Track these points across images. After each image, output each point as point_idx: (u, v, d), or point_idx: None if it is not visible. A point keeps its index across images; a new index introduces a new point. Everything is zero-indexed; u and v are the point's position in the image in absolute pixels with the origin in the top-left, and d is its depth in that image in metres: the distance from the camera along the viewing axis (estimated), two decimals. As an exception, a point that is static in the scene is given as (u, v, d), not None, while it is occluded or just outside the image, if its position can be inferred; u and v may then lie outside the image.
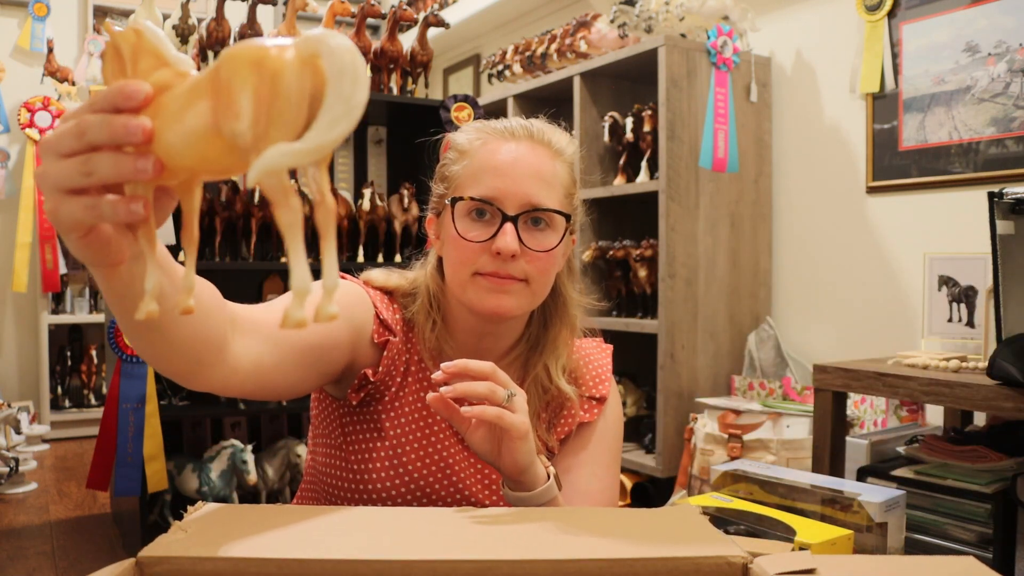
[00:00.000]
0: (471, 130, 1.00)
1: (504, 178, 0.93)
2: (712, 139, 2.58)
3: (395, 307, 1.01)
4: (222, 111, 0.45)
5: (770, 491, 1.03)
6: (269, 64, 0.43)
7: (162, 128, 0.49)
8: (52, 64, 4.11)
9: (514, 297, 0.94)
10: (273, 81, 0.43)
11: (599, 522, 0.71)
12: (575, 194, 1.01)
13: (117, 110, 0.50)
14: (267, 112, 0.43)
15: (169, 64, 0.52)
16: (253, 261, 2.62)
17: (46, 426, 3.83)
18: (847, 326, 2.62)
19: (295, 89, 0.43)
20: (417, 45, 2.71)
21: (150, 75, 0.51)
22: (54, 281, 3.72)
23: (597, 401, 1.06)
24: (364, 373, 0.95)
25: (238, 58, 0.44)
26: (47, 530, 2.60)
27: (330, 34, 0.43)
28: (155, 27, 0.54)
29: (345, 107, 0.42)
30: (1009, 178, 2.17)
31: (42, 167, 0.52)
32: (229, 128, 0.45)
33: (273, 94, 0.43)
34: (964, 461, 1.60)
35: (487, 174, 0.94)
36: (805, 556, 0.63)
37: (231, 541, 0.65)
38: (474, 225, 0.93)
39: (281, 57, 0.44)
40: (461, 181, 0.96)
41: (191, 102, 0.47)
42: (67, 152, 0.51)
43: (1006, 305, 1.51)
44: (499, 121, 1.01)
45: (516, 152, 0.95)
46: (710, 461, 2.36)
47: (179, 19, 2.54)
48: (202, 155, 0.48)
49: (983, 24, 2.23)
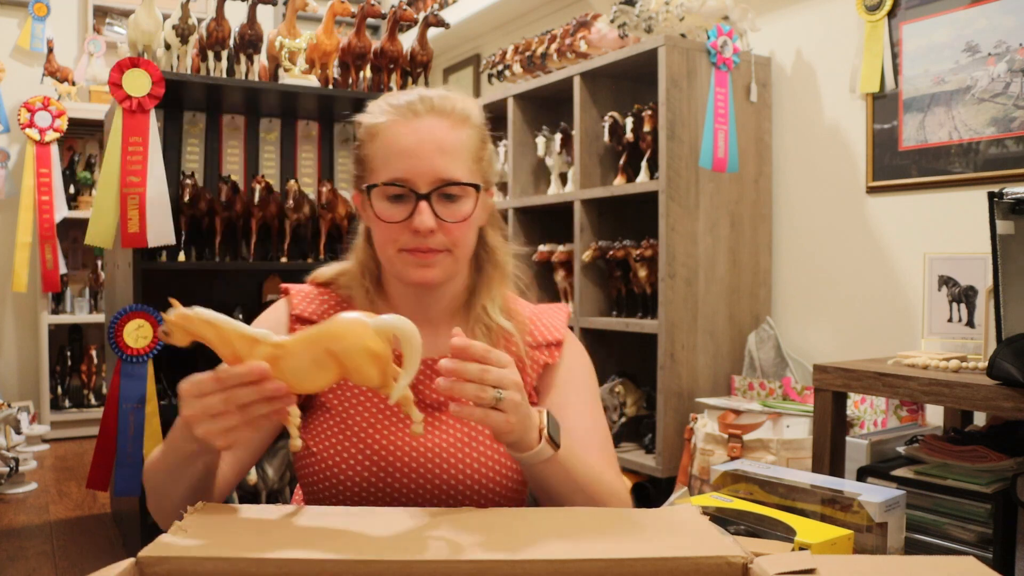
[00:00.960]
0: (377, 110, 1.04)
1: (412, 159, 0.98)
2: (712, 139, 2.58)
3: (331, 294, 1.09)
4: (355, 374, 0.78)
5: (770, 491, 1.03)
6: (376, 349, 0.77)
7: (290, 381, 0.78)
8: (52, 64, 4.11)
9: (438, 268, 1.01)
10: (379, 359, 0.78)
11: (599, 522, 0.71)
12: (485, 155, 1.05)
13: (247, 385, 0.76)
14: (381, 371, 0.78)
15: (260, 341, 0.79)
16: (253, 261, 2.62)
17: (46, 426, 3.83)
18: (847, 326, 2.62)
19: (388, 354, 0.78)
20: (417, 45, 2.71)
21: (253, 351, 0.78)
22: (54, 281, 3.72)
23: (554, 345, 1.10)
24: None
25: (356, 351, 0.77)
26: (47, 530, 2.60)
27: (396, 318, 0.78)
28: (219, 316, 0.80)
29: (416, 352, 0.78)
30: (1009, 178, 2.17)
31: (188, 414, 0.78)
32: (361, 381, 0.79)
33: (383, 361, 0.78)
34: (964, 461, 1.60)
35: (396, 156, 0.98)
36: (805, 556, 0.63)
37: (231, 541, 0.65)
38: (391, 206, 0.99)
39: (377, 344, 0.77)
40: (374, 164, 1.01)
41: (319, 366, 0.78)
42: (216, 413, 0.77)
43: (1006, 305, 1.51)
44: (403, 94, 1.04)
45: (420, 130, 0.99)
46: (710, 461, 2.36)
47: (179, 19, 2.54)
48: (320, 389, 0.81)
49: (983, 24, 2.23)
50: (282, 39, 2.66)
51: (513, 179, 3.47)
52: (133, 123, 2.17)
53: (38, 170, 3.69)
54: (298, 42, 2.66)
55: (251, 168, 2.77)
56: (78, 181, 4.18)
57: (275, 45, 2.67)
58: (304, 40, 2.67)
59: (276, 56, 2.68)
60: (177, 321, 0.80)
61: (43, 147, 3.71)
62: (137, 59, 2.20)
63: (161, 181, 2.21)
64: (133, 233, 2.16)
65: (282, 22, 2.74)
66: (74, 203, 4.12)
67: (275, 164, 2.81)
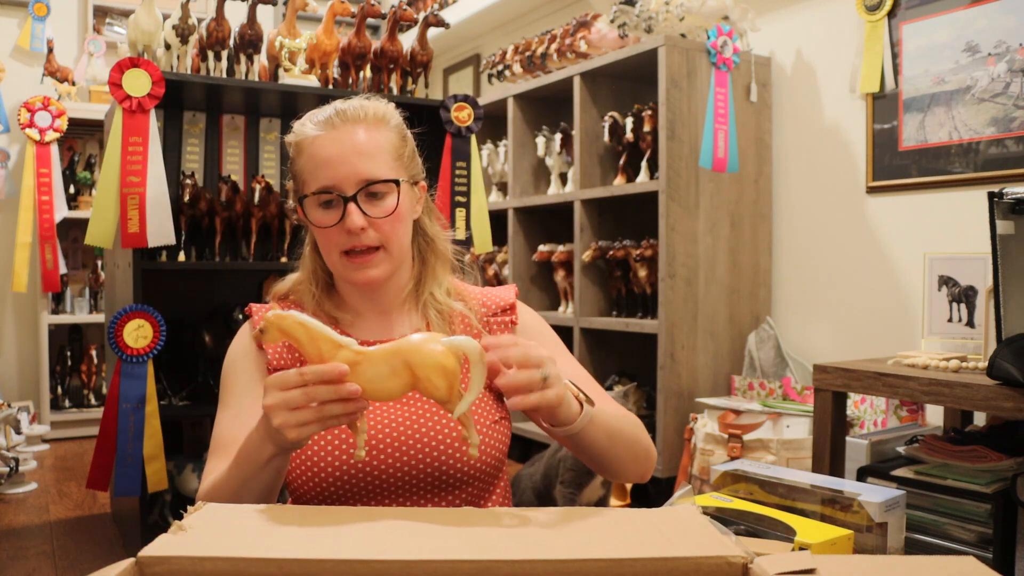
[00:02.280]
0: (300, 127, 1.10)
1: (334, 167, 1.05)
2: (712, 139, 2.58)
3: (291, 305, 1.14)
4: (425, 386, 0.84)
5: (770, 491, 1.03)
6: (448, 365, 0.83)
7: (366, 388, 0.84)
8: (52, 64, 4.11)
9: (379, 267, 1.08)
10: (449, 374, 0.83)
11: (599, 522, 0.71)
12: (405, 152, 1.12)
13: (327, 383, 0.82)
14: (450, 386, 0.84)
15: (344, 347, 0.85)
16: (253, 261, 2.61)
17: (46, 426, 3.83)
18: (847, 326, 2.62)
19: (458, 371, 0.84)
20: (417, 45, 2.71)
21: (336, 355, 0.84)
22: (54, 281, 3.72)
23: (509, 310, 1.18)
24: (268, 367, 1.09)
25: (430, 364, 0.83)
26: (47, 530, 2.60)
27: (466, 339, 0.84)
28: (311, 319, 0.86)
29: (482, 373, 0.83)
30: (1009, 178, 2.17)
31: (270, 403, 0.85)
32: (429, 393, 0.84)
33: (453, 377, 0.83)
34: (964, 461, 1.60)
35: (321, 167, 1.05)
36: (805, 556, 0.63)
37: (231, 541, 0.65)
38: (325, 213, 1.06)
39: (449, 360, 0.83)
40: (304, 177, 1.08)
41: (395, 375, 0.84)
42: (295, 406, 0.84)
43: (1006, 305, 1.51)
44: (323, 110, 1.10)
45: (337, 140, 1.06)
46: (710, 461, 2.36)
47: (179, 19, 2.54)
48: (391, 397, 0.86)
49: (983, 24, 2.23)
50: (282, 39, 2.66)
51: (513, 179, 3.47)
52: (133, 123, 2.17)
53: (38, 170, 3.69)
54: (298, 42, 2.66)
55: (251, 168, 2.77)
56: (78, 181, 4.18)
57: (275, 45, 2.67)
58: (304, 40, 2.66)
59: (276, 56, 2.67)
60: (274, 320, 0.86)
61: (43, 147, 3.71)
62: (137, 59, 2.19)
63: (161, 181, 2.21)
64: (133, 233, 2.16)
65: (282, 22, 2.74)
66: (74, 203, 4.12)
67: (275, 164, 2.81)
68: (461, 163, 2.59)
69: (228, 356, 1.12)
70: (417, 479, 1.04)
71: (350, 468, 1.02)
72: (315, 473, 1.02)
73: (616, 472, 1.08)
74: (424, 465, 1.04)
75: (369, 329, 1.13)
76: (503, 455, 1.11)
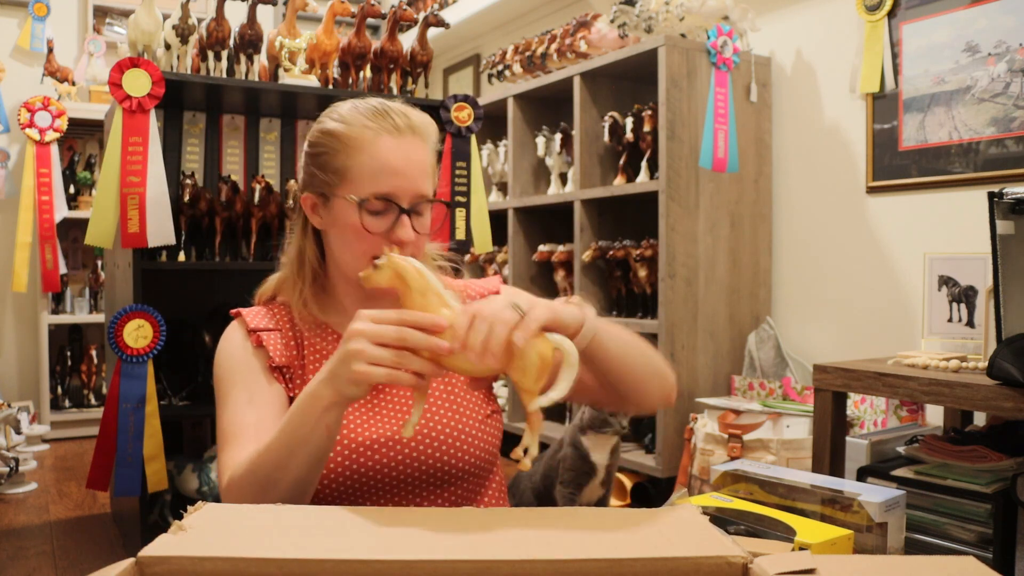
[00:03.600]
0: (353, 119, 1.06)
1: (400, 177, 1.04)
2: (712, 139, 2.58)
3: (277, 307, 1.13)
4: (518, 371, 0.82)
5: (770, 491, 1.03)
6: (547, 357, 0.82)
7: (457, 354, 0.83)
8: (52, 64, 4.11)
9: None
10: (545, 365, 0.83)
11: (599, 522, 0.71)
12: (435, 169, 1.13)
13: (422, 329, 0.82)
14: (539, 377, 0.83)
15: (450, 306, 0.85)
16: (253, 261, 2.62)
17: (46, 426, 3.83)
18: (847, 326, 2.62)
19: (551, 363, 0.83)
20: (417, 45, 2.71)
21: (439, 310, 0.84)
22: (54, 281, 3.72)
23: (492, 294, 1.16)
24: (269, 365, 1.07)
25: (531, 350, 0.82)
26: (47, 530, 2.60)
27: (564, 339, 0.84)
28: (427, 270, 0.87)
29: (572, 373, 0.82)
30: (1009, 178, 2.17)
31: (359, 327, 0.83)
32: (517, 378, 0.83)
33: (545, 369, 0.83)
34: (964, 461, 1.60)
35: (385, 173, 1.03)
36: (805, 556, 0.63)
37: (231, 541, 0.65)
38: (373, 219, 1.03)
39: (549, 352, 0.82)
40: (356, 176, 1.04)
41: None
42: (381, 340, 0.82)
43: (1006, 305, 1.51)
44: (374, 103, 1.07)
45: (407, 150, 1.05)
46: (710, 461, 2.36)
47: (179, 19, 2.54)
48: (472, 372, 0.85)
49: (983, 24, 2.23)
50: (282, 39, 2.66)
51: (513, 179, 3.47)
52: (133, 123, 2.17)
53: (38, 170, 3.69)
54: (298, 42, 2.66)
55: (251, 168, 2.77)
56: (78, 181, 4.18)
57: (275, 45, 2.67)
58: (304, 40, 2.66)
59: (276, 56, 2.67)
60: (394, 260, 0.87)
61: (43, 147, 3.71)
62: (137, 59, 2.19)
63: (161, 181, 2.21)
64: (133, 233, 2.16)
65: (282, 22, 2.74)
66: (74, 203, 4.12)
67: (275, 164, 2.81)
68: (461, 163, 2.59)
69: (222, 353, 1.09)
70: (414, 475, 1.04)
71: (348, 465, 1.02)
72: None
73: (640, 390, 1.03)
74: (420, 462, 1.04)
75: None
76: (496, 449, 1.12)
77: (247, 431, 0.99)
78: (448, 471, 1.06)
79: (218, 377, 1.08)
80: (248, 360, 1.07)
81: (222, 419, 1.04)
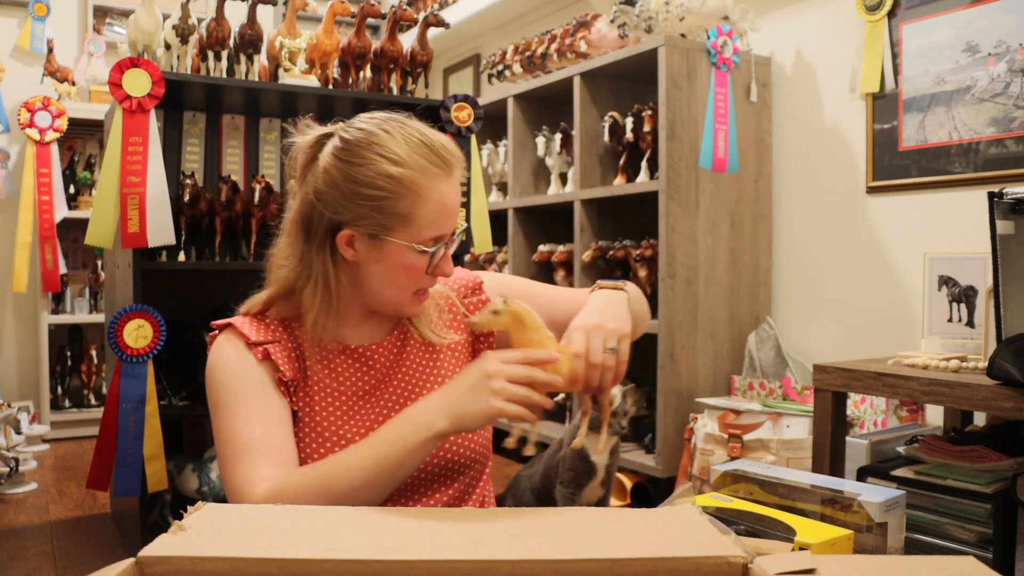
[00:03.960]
0: (412, 163, 1.02)
1: (452, 217, 1.07)
2: (712, 139, 2.58)
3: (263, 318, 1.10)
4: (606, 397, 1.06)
5: (770, 491, 1.03)
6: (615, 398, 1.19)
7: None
8: (52, 64, 4.11)
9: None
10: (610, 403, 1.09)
11: (599, 522, 0.71)
12: None
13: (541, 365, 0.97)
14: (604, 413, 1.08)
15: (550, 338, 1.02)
16: (253, 261, 2.62)
17: (46, 426, 3.82)
18: (847, 326, 2.62)
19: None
20: (417, 45, 2.71)
21: (548, 345, 1.00)
22: (54, 281, 3.72)
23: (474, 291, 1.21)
24: (279, 378, 1.05)
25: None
26: (47, 530, 2.60)
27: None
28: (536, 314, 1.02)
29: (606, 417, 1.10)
30: (1009, 178, 2.17)
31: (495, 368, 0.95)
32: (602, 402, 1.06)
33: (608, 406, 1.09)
34: (964, 461, 1.60)
35: (444, 216, 1.05)
36: (805, 556, 0.63)
37: (231, 541, 0.65)
38: (420, 258, 1.05)
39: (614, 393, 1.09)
40: (422, 223, 1.03)
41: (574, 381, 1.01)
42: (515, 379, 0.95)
43: (1006, 305, 1.51)
44: (422, 141, 1.04)
45: (455, 189, 1.07)
46: (710, 461, 2.36)
47: (179, 19, 2.53)
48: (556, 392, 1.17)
49: (983, 24, 2.23)
50: (282, 39, 2.66)
51: (513, 179, 3.47)
52: (133, 123, 2.17)
53: (38, 170, 3.69)
54: (298, 42, 2.66)
55: (251, 168, 2.76)
56: (78, 181, 4.18)
57: (275, 45, 2.67)
58: (304, 40, 2.66)
59: (276, 56, 2.67)
60: (513, 306, 1.01)
61: (43, 147, 3.71)
62: (137, 59, 2.19)
63: (161, 181, 2.21)
64: (133, 233, 2.16)
65: (282, 22, 2.74)
66: (74, 203, 4.12)
67: (275, 164, 2.81)
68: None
69: (217, 366, 1.05)
70: (425, 469, 1.06)
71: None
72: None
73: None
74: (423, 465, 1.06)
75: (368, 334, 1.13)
76: (490, 441, 1.17)
77: (261, 444, 0.98)
78: (455, 462, 1.09)
79: (216, 390, 1.04)
80: (251, 373, 1.04)
81: (226, 430, 1.01)
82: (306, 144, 1.08)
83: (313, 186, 1.05)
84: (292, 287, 1.08)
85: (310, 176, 1.06)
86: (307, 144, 1.08)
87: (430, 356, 1.15)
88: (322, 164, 1.05)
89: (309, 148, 1.08)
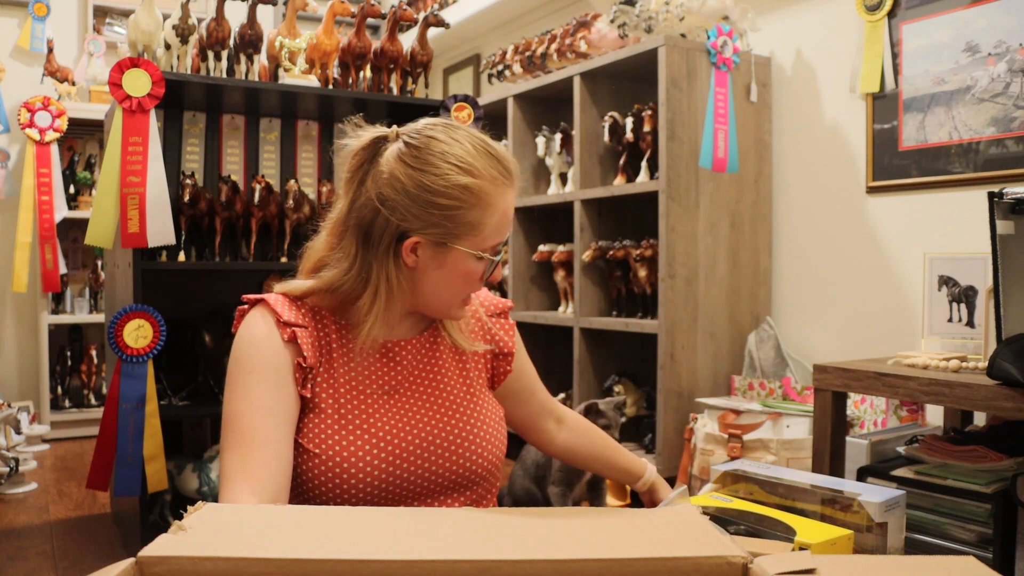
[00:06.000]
0: (481, 172, 1.03)
1: (510, 226, 1.10)
2: (712, 139, 2.58)
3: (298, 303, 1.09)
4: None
5: (770, 491, 1.03)
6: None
7: None
8: (52, 64, 4.11)
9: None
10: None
11: (599, 522, 0.71)
12: None
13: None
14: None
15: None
16: (253, 261, 2.61)
17: (46, 426, 3.82)
18: (847, 326, 2.62)
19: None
20: (417, 45, 2.71)
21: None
22: (54, 281, 3.71)
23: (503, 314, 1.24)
24: (298, 363, 1.04)
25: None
26: (47, 530, 2.60)
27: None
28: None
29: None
30: (1009, 178, 2.17)
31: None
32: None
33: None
34: (964, 461, 1.60)
35: (505, 225, 1.08)
36: (805, 556, 0.63)
37: (231, 541, 0.65)
38: (478, 264, 1.07)
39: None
40: (488, 232, 1.06)
41: None
42: None
43: (1006, 305, 1.51)
44: (487, 151, 1.06)
45: (513, 198, 1.09)
46: (710, 461, 2.36)
47: (179, 19, 2.54)
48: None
49: (983, 24, 2.23)
50: (282, 39, 2.66)
51: (513, 179, 3.47)
52: (133, 123, 2.17)
53: (38, 170, 3.69)
54: (298, 42, 2.66)
55: (251, 168, 2.76)
56: (78, 181, 4.18)
57: (275, 45, 2.67)
58: (304, 40, 2.66)
59: (276, 56, 2.67)
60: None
61: (43, 147, 3.71)
62: (137, 59, 2.19)
63: (161, 181, 2.21)
64: (133, 233, 2.16)
65: (282, 22, 2.74)
66: (74, 203, 4.11)
67: (275, 164, 2.81)
68: (461, 163, 2.59)
69: (245, 339, 1.04)
70: (438, 481, 1.07)
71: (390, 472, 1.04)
72: (343, 480, 1.02)
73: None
74: (445, 468, 1.08)
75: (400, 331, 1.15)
76: (502, 458, 1.17)
77: (254, 436, 0.98)
78: (473, 472, 1.10)
79: (236, 361, 1.04)
80: (274, 353, 1.03)
81: (233, 406, 1.01)
82: (360, 146, 1.06)
83: (376, 191, 1.03)
84: (339, 288, 1.07)
85: (370, 180, 1.04)
86: (361, 145, 1.06)
87: (458, 360, 1.17)
88: (387, 169, 1.03)
89: (363, 150, 1.06)
